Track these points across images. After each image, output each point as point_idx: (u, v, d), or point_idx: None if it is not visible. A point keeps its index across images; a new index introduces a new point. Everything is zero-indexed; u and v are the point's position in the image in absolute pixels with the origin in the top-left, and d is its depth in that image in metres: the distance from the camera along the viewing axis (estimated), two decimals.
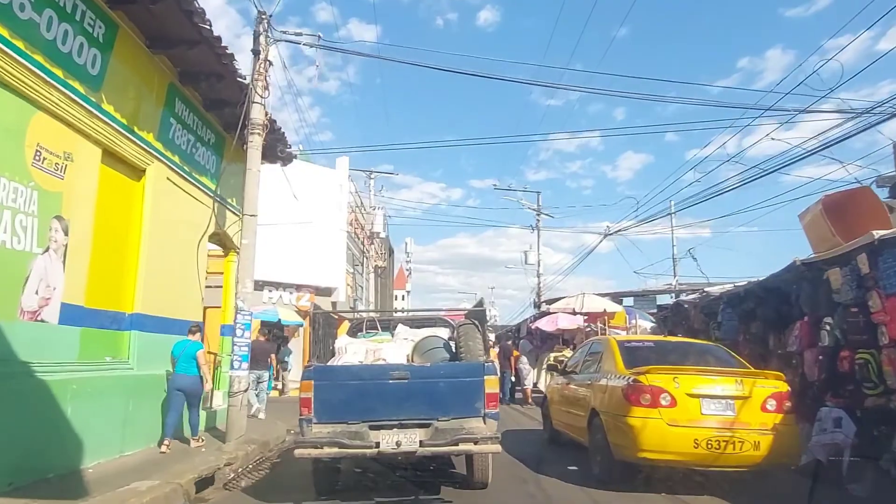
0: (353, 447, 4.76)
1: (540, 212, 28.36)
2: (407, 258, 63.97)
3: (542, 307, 27.56)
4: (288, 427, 10.17)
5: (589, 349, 7.38)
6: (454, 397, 5.04)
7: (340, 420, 4.91)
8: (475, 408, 5.03)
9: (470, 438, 4.81)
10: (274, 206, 19.52)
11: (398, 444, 4.80)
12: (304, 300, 20.10)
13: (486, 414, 5.04)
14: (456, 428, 4.90)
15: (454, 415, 4.98)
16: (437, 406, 4.99)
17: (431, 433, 4.86)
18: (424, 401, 4.99)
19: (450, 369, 5.29)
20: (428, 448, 4.81)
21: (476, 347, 5.57)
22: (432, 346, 5.80)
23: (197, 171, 8.97)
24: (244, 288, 8.32)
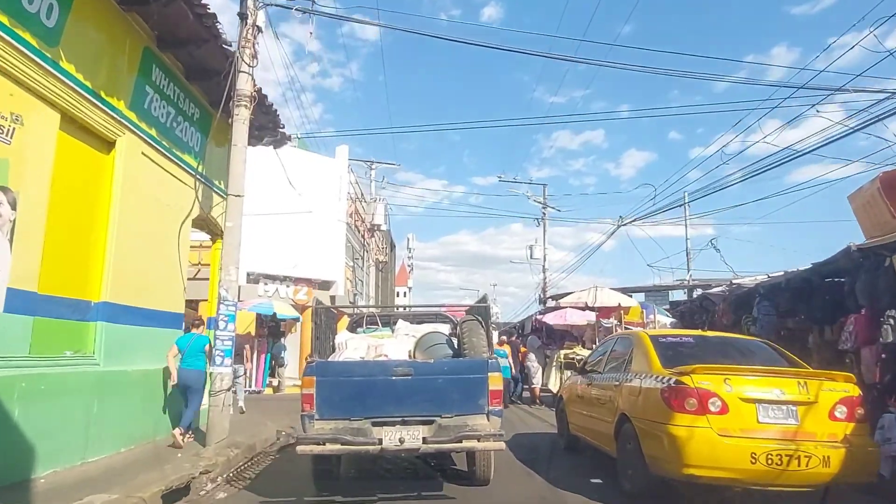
0: (355, 444, 4.69)
1: (546, 205, 27.52)
2: (409, 254, 63.29)
3: (548, 303, 26.78)
4: (279, 428, 9.37)
5: (613, 346, 6.55)
6: (457, 394, 4.99)
7: (343, 416, 4.84)
8: (479, 405, 4.97)
9: (473, 435, 4.76)
10: (270, 196, 18.73)
11: (401, 441, 4.75)
12: (302, 294, 19.30)
13: (490, 411, 4.97)
14: (459, 425, 4.85)
15: (457, 412, 4.93)
16: (441, 403, 4.94)
17: (434, 430, 4.82)
18: (427, 397, 4.94)
19: (453, 366, 5.20)
20: (431, 445, 4.77)
21: (480, 344, 5.49)
22: (435, 343, 5.73)
23: (178, 148, 8.16)
24: (228, 276, 7.51)
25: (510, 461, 7.01)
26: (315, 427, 4.83)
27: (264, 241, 18.16)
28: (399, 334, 6.40)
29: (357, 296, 24.43)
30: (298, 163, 18.92)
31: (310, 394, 4.86)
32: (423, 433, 4.82)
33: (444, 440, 4.76)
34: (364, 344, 6.04)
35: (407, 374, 4.96)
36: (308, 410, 4.86)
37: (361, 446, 4.74)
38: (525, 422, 10.78)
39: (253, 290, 17.94)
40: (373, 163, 24.65)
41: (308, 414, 4.86)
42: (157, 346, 7.71)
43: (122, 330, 6.73)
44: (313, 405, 4.84)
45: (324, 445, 4.70)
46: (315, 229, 19.16)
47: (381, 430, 4.81)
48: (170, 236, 8.09)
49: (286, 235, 18.57)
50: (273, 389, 16.80)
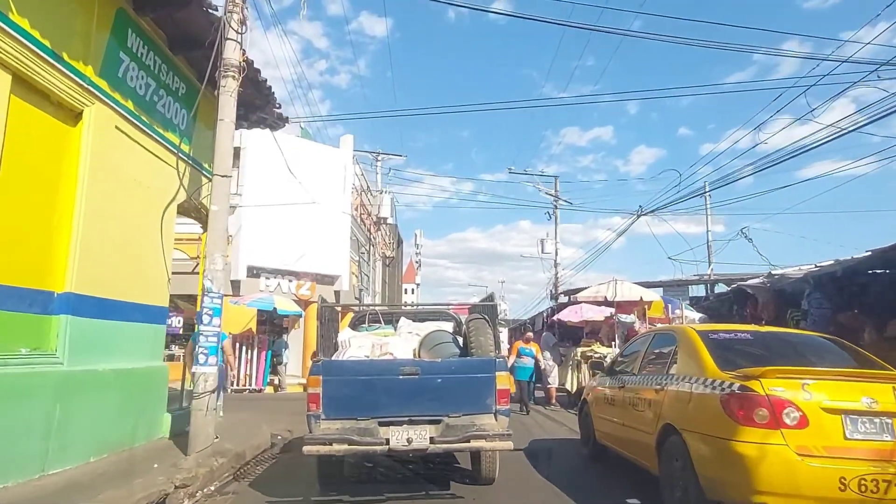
0: (363, 444, 4.66)
1: (558, 198, 26.63)
2: (417, 251, 62.58)
3: (560, 299, 25.91)
4: (274, 431, 8.62)
5: (650, 343, 5.71)
6: (465, 393, 4.97)
7: (349, 416, 4.81)
8: (486, 404, 4.95)
9: (481, 435, 4.73)
10: (272, 187, 18.00)
11: (409, 440, 4.72)
12: (305, 289, 18.58)
13: (498, 410, 4.94)
14: (467, 424, 4.83)
15: (465, 411, 4.91)
16: (448, 402, 4.91)
17: (442, 429, 4.80)
18: (435, 397, 4.90)
19: (461, 365, 5.14)
20: (439, 445, 4.75)
21: (487, 343, 5.44)
22: (440, 341, 5.68)
23: (161, 125, 7.40)
24: (213, 265, 6.73)
25: (528, 472, 6.22)
26: (321, 427, 4.77)
27: (266, 234, 17.47)
28: (402, 332, 6.26)
29: (363, 291, 23.68)
30: (301, 152, 18.19)
31: (316, 393, 4.80)
32: (430, 433, 4.79)
33: (452, 440, 4.73)
34: (368, 342, 5.90)
35: (414, 373, 4.92)
36: (314, 410, 4.79)
37: (369, 446, 4.69)
38: (542, 425, 9.96)
39: (254, 284, 17.26)
40: (378, 154, 23.83)
41: (314, 414, 4.79)
42: (137, 342, 6.98)
43: (92, 325, 5.98)
44: (319, 405, 4.79)
45: (330, 445, 4.63)
46: (319, 222, 18.42)
47: (387, 429, 4.77)
48: (151, 222, 7.34)
49: (289, 228, 17.86)
50: (274, 388, 16.09)
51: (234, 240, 17.19)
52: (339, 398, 4.82)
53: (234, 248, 17.16)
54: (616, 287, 11.82)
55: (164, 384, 7.47)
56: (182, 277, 17.53)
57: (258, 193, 17.28)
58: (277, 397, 14.65)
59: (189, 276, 17.11)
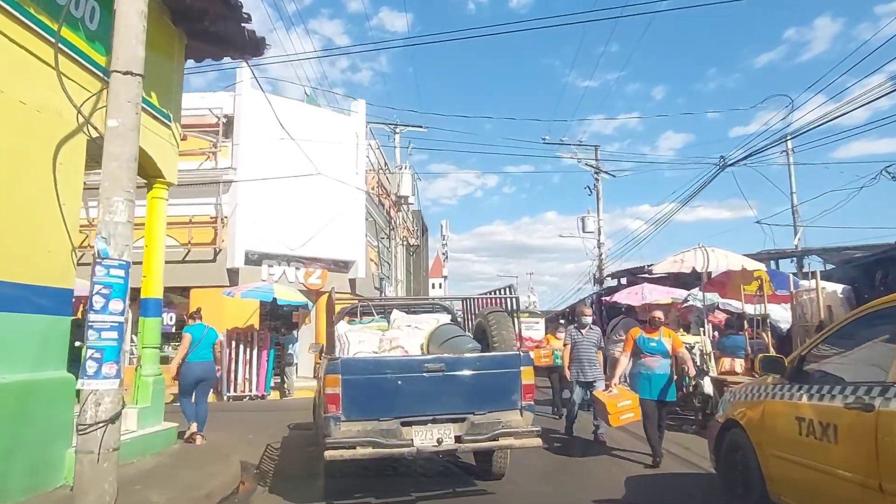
0: (389, 447, 4.36)
1: (599, 169, 23.65)
2: (443, 241, 60.12)
3: (606, 282, 22.96)
4: (252, 459, 6.13)
5: (875, 331, 2.94)
6: (490, 390, 4.74)
7: (371, 417, 4.45)
8: (512, 400, 4.74)
9: (510, 433, 4.56)
10: (271, 161, 15.55)
11: (439, 441, 4.49)
12: (315, 277, 16.09)
13: (524, 406, 4.73)
14: (493, 422, 4.60)
15: (490, 408, 4.67)
16: (473, 399, 4.68)
17: (467, 428, 4.57)
18: (459, 394, 4.66)
19: (486, 360, 4.89)
20: (467, 444, 4.55)
21: (510, 336, 5.27)
22: (453, 335, 5.37)
23: (50, 15, 4.86)
24: (111, 214, 4.14)
25: None
26: (342, 430, 4.38)
27: (267, 215, 15.02)
28: (398, 326, 5.96)
29: (384, 281, 21.14)
30: (305, 120, 15.70)
31: (335, 393, 4.39)
32: (454, 431, 4.57)
33: (481, 439, 4.52)
34: (371, 337, 5.72)
35: (439, 369, 4.65)
36: (334, 412, 4.38)
37: (395, 448, 4.39)
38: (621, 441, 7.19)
39: (254, 273, 14.85)
40: (396, 126, 21.19)
41: (334, 416, 4.38)
42: (19, 342, 4.49)
43: None
44: (339, 406, 4.39)
45: (354, 450, 4.28)
46: (329, 200, 15.93)
47: (410, 429, 4.49)
48: (40, 166, 4.82)
49: (294, 208, 15.41)
50: (280, 394, 13.64)
51: (230, 221, 14.79)
52: (360, 398, 4.48)
53: (229, 230, 14.77)
54: (707, 255, 8.97)
55: (66, 404, 4.96)
56: (172, 267, 15.21)
57: (256, 168, 14.83)
58: (281, 406, 12.16)
59: (180, 266, 14.74)
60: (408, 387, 4.55)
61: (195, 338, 7.07)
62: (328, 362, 4.58)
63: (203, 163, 15.13)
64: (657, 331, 6.26)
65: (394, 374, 4.59)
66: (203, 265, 14.67)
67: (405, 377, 4.58)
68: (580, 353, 7.59)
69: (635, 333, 6.37)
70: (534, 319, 31.28)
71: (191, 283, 14.62)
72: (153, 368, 6.54)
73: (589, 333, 7.73)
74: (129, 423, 6.03)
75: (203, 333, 7.17)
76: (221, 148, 15.06)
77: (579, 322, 8.02)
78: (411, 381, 4.57)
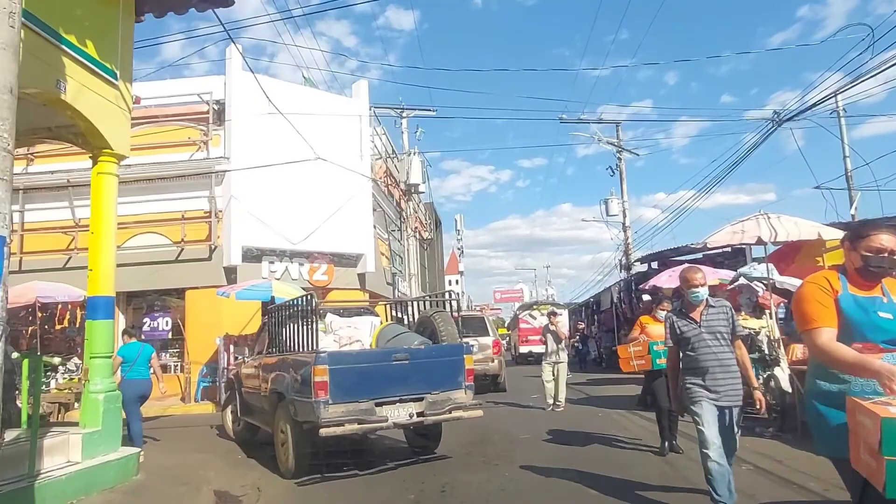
0: (371, 422, 5.21)
1: (622, 148, 22.12)
2: (458, 236, 58.87)
3: (634, 267, 21.44)
4: (229, 489, 4.87)
5: None
6: (442, 374, 5.74)
7: (352, 399, 5.20)
8: (458, 381, 5.78)
9: (460, 406, 5.65)
10: (268, 149, 14.34)
11: (410, 416, 5.43)
12: (320, 273, 14.85)
13: (467, 386, 5.82)
14: (445, 399, 5.62)
15: (443, 388, 5.67)
16: (430, 382, 5.63)
17: (426, 405, 5.51)
18: (420, 378, 5.58)
19: (439, 350, 5.97)
20: (430, 418, 5.50)
21: (454, 331, 6.23)
22: (400, 332, 6.30)
23: None
24: None
25: None
26: (329, 411, 5.05)
27: (266, 207, 13.79)
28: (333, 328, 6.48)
29: (397, 275, 19.87)
30: (303, 103, 14.42)
31: (324, 381, 5.06)
32: (416, 408, 5.48)
33: (440, 412, 5.52)
34: (341, 334, 6.37)
35: (405, 359, 5.53)
36: (323, 397, 5.05)
37: (375, 424, 5.25)
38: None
39: (254, 270, 13.64)
40: (403, 109, 19.87)
41: (323, 400, 5.05)
42: None
43: None
44: (327, 391, 5.06)
45: (344, 426, 5.03)
46: (332, 189, 14.69)
47: (382, 408, 5.30)
48: None
49: (294, 199, 14.19)
50: None
51: (224, 215, 13.59)
52: (343, 384, 5.15)
53: (224, 226, 13.57)
54: (771, 223, 7.52)
55: None
56: (165, 268, 14.07)
57: (251, 156, 13.61)
58: None
59: (174, 266, 13.59)
60: (380, 374, 5.42)
61: (130, 357, 7.10)
62: (316, 355, 5.16)
63: (194, 153, 13.96)
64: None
65: (369, 363, 5.52)
66: (198, 264, 13.50)
67: (378, 366, 5.48)
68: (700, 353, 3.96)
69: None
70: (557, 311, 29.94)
71: (185, 285, 13.47)
72: (104, 383, 5.32)
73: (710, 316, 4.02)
74: (72, 452, 4.80)
75: (139, 351, 7.26)
76: (213, 136, 13.87)
77: (686, 300, 4.15)
78: (383, 369, 5.44)
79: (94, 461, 4.89)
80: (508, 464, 5.62)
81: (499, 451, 6.24)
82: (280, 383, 5.70)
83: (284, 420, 5.48)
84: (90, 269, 5.49)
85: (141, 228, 13.73)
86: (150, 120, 14.31)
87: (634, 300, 18.43)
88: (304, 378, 5.19)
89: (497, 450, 6.28)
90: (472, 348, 6.19)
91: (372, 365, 5.46)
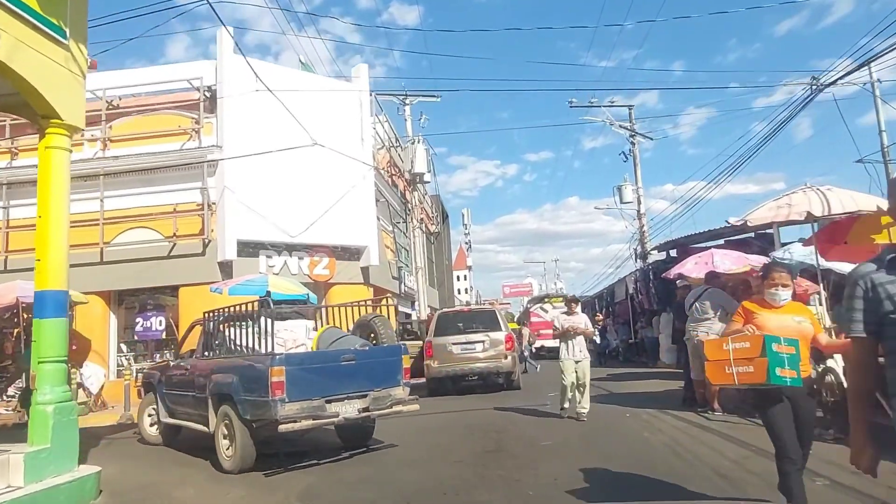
0: (324, 417, 5.62)
1: (635, 132, 21.18)
2: (465, 231, 58.02)
3: (651, 255, 20.51)
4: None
5: None
6: (383, 372, 6.24)
7: (306, 397, 5.52)
8: (397, 379, 6.30)
9: (400, 401, 6.19)
10: (263, 138, 13.55)
11: (360, 411, 5.88)
12: (321, 267, 14.09)
13: (404, 383, 6.34)
14: (386, 395, 6.09)
15: (384, 385, 6.14)
16: (373, 380, 6.08)
17: (370, 401, 5.95)
18: (364, 376, 6.03)
19: (382, 351, 6.48)
20: (374, 412, 6.00)
21: (392, 334, 6.90)
22: (341, 335, 6.61)
23: None
24: None
25: None
26: (286, 409, 5.33)
27: (262, 199, 13.04)
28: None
29: (403, 269, 19.07)
30: (300, 87, 13.61)
31: (280, 381, 5.34)
32: (363, 404, 5.91)
33: (384, 407, 6.02)
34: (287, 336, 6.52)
35: (352, 359, 5.96)
36: (280, 395, 5.31)
37: (328, 419, 5.69)
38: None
39: (251, 265, 12.88)
40: (406, 95, 19.01)
41: (280, 398, 5.31)
42: None
43: None
44: (284, 390, 5.32)
45: (301, 422, 5.40)
46: (333, 177, 13.92)
47: (331, 405, 5.69)
48: None
49: (292, 189, 13.43)
50: None
51: (218, 208, 12.84)
52: (298, 383, 5.46)
53: (218, 218, 12.83)
54: (823, 195, 6.57)
55: None
56: (157, 264, 13.26)
57: (244, 144, 12.83)
58: None
59: (166, 262, 12.85)
60: (330, 373, 5.80)
61: None
62: (273, 357, 5.47)
63: (185, 143, 13.21)
64: None
65: (321, 364, 5.88)
66: (191, 260, 12.78)
67: (328, 366, 5.85)
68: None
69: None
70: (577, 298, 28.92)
71: (179, 282, 12.75)
72: (55, 392, 4.54)
73: None
74: (13, 475, 4.03)
75: None
76: (205, 124, 13.11)
77: None
78: (332, 369, 5.82)
79: (41, 485, 4.13)
80: (532, 478, 4.79)
81: (518, 462, 5.39)
82: (224, 384, 5.89)
83: (231, 419, 5.66)
84: (38, 258, 4.70)
85: (131, 223, 13.05)
86: (138, 108, 13.61)
87: (652, 290, 17.51)
88: (259, 378, 5.45)
89: (516, 461, 5.43)
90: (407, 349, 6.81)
91: (323, 365, 5.88)
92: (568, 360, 7.54)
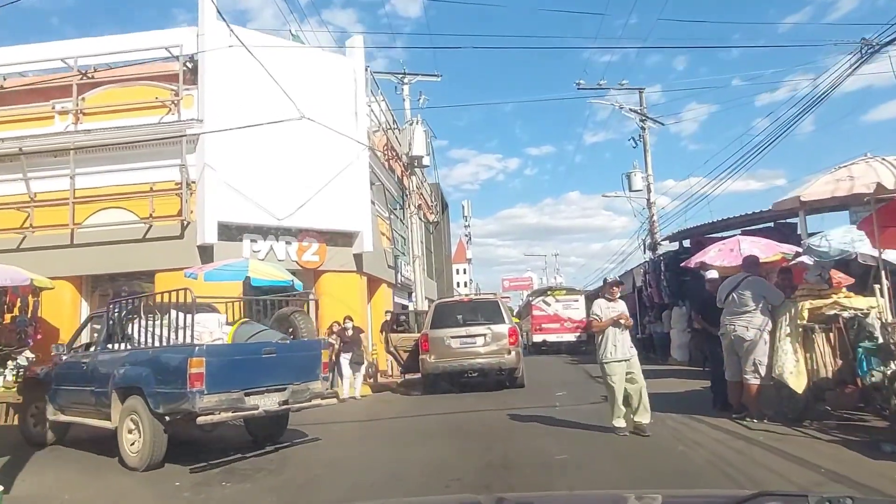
0: (244, 409, 5.62)
1: (646, 116, 20.14)
2: (466, 223, 56.98)
3: (660, 246, 19.53)
4: None
5: None
6: (303, 366, 6.33)
7: (225, 390, 5.49)
8: (316, 373, 6.40)
9: (318, 395, 6.35)
10: (248, 112, 12.51)
11: (279, 404, 5.95)
12: (310, 253, 13.07)
13: (323, 377, 6.50)
14: (304, 389, 6.18)
15: (303, 379, 6.21)
16: (292, 373, 6.15)
17: (289, 394, 6.02)
18: (284, 370, 6.10)
19: (302, 345, 6.57)
20: (294, 405, 6.12)
21: (312, 329, 7.07)
22: (260, 330, 6.52)
23: None
24: None
25: None
26: (205, 401, 5.31)
27: (245, 178, 12.00)
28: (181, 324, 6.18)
29: (400, 257, 18.07)
30: (289, 61, 12.54)
31: (200, 372, 5.28)
32: (282, 398, 5.97)
33: (303, 401, 6.17)
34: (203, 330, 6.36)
35: (272, 352, 5.99)
36: (199, 387, 5.27)
37: (248, 412, 5.68)
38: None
39: (233, 249, 11.88)
40: (405, 74, 17.95)
41: (198, 390, 5.27)
42: None
43: None
44: (203, 382, 5.28)
45: (220, 414, 5.40)
46: (324, 156, 12.90)
47: (250, 398, 5.69)
48: None
49: (279, 168, 12.40)
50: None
51: (198, 187, 11.81)
52: (217, 375, 5.42)
53: (198, 198, 11.79)
54: (875, 170, 5.56)
55: None
56: (132, 247, 12.20)
57: (227, 118, 11.76)
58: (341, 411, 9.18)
59: (142, 245, 11.80)
60: (250, 366, 5.88)
61: None
62: (195, 348, 5.49)
63: (163, 117, 12.16)
64: None
65: (241, 356, 5.99)
66: (169, 243, 11.75)
67: (248, 359, 5.95)
68: None
69: None
70: (572, 297, 27.76)
71: (155, 266, 11.68)
72: None
73: None
74: None
75: None
76: (185, 97, 12.05)
77: None
78: (252, 362, 5.91)
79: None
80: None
81: (529, 482, 4.40)
82: (132, 377, 5.75)
83: (139, 413, 5.51)
84: None
85: (103, 203, 12.01)
86: (113, 79, 12.56)
87: (664, 283, 16.53)
88: (176, 370, 5.36)
89: (527, 481, 4.44)
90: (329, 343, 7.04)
91: (244, 357, 5.88)
92: (614, 362, 5.91)
